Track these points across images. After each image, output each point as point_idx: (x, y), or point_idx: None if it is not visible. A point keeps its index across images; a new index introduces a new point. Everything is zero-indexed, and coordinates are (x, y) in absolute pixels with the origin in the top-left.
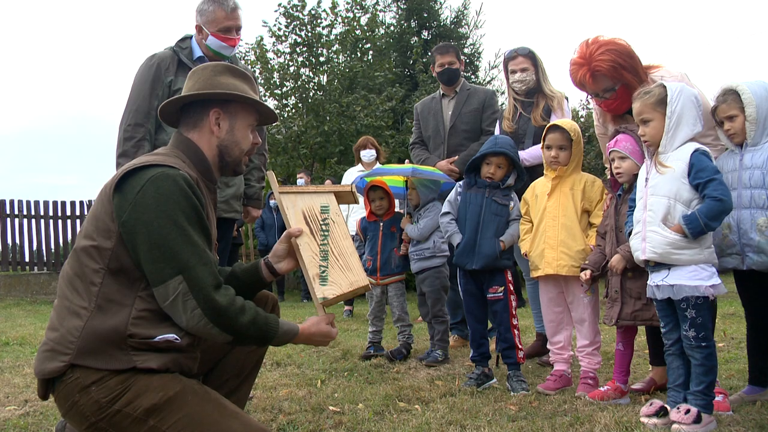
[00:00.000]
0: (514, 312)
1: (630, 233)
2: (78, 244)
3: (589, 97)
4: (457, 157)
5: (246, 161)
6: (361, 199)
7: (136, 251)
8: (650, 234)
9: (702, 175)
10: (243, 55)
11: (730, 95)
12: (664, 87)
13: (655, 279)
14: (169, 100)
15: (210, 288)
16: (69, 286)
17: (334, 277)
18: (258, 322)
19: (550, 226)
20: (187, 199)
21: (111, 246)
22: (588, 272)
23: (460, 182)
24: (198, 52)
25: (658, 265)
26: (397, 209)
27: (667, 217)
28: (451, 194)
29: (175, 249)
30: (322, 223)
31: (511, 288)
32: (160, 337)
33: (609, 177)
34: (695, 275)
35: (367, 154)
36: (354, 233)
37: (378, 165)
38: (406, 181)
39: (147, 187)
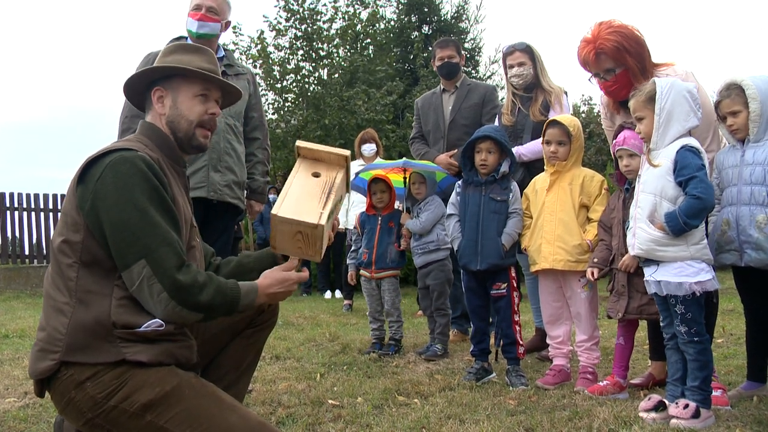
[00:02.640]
0: (516, 308)
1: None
2: (53, 243)
3: (591, 77)
4: (456, 150)
5: (204, 135)
6: (360, 195)
7: (104, 239)
8: (638, 230)
9: (684, 173)
10: (245, 50)
11: (734, 90)
12: (655, 84)
13: (646, 274)
14: (125, 88)
15: (173, 269)
16: (51, 285)
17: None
18: (222, 290)
19: (548, 220)
20: (147, 180)
21: (80, 239)
22: (595, 271)
23: (459, 182)
24: None
25: (649, 261)
26: (396, 207)
27: (654, 214)
28: (453, 195)
29: (136, 233)
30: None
31: (515, 284)
32: (145, 325)
33: (615, 171)
34: (680, 272)
35: (368, 149)
36: (353, 227)
37: (379, 159)
38: (405, 179)
39: (105, 173)
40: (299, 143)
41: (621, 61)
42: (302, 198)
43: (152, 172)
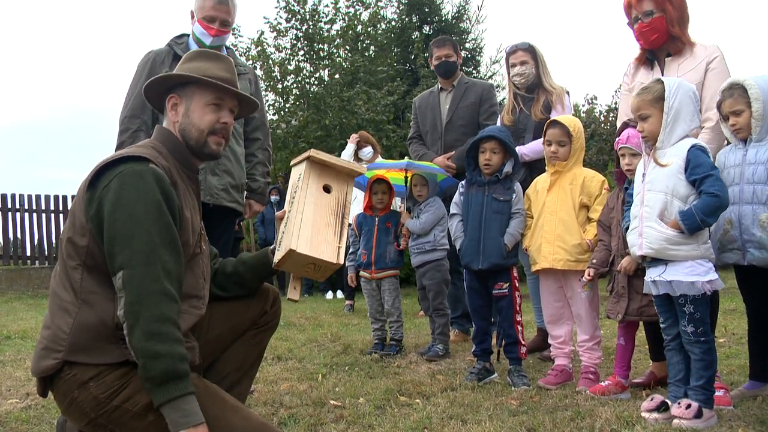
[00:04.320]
0: (518, 308)
1: (627, 228)
2: (61, 241)
3: (628, 24)
4: (454, 152)
5: (217, 142)
6: (360, 194)
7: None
8: (647, 229)
9: (699, 171)
10: (244, 51)
11: (737, 89)
12: (662, 83)
13: (652, 274)
14: (144, 91)
15: (141, 292)
16: (58, 284)
17: (283, 242)
18: (168, 360)
19: (548, 220)
20: (150, 194)
21: (85, 243)
22: (591, 271)
23: (463, 182)
24: (194, 47)
25: (655, 261)
26: (393, 207)
27: (664, 212)
28: (456, 195)
29: (124, 245)
30: (294, 192)
31: (516, 284)
32: None
33: (615, 169)
34: (692, 271)
35: (365, 152)
36: (350, 228)
37: (379, 159)
38: (406, 178)
39: (113, 182)
40: (313, 153)
41: (661, 6)
42: (318, 226)
43: (160, 186)
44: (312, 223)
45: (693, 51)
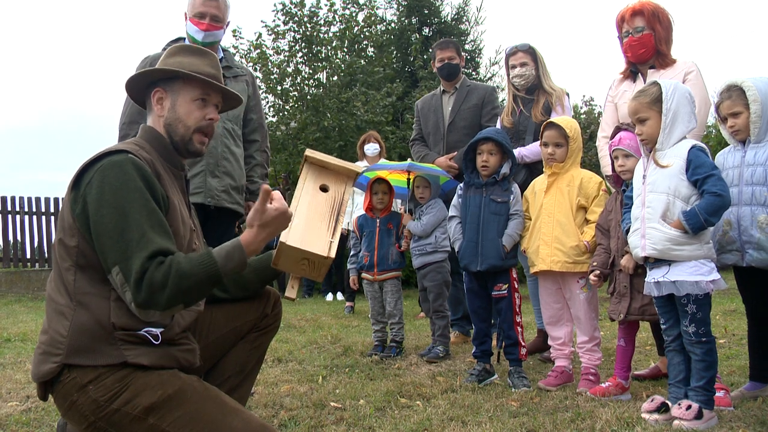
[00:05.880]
0: (517, 309)
1: (627, 230)
2: (54, 245)
3: (618, 37)
4: (456, 153)
5: (201, 141)
6: (360, 196)
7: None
8: (650, 230)
9: (700, 171)
10: (244, 53)
11: (735, 91)
12: (659, 85)
13: (655, 275)
14: (127, 84)
15: (136, 280)
16: (54, 288)
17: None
18: (187, 273)
19: (545, 222)
20: (132, 183)
21: (75, 243)
22: (597, 273)
23: (461, 184)
24: None
25: (658, 262)
26: (394, 209)
27: (666, 213)
28: (454, 197)
29: (115, 238)
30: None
31: (516, 285)
32: (145, 330)
33: (611, 173)
34: (696, 270)
35: (371, 148)
36: (350, 230)
37: (382, 160)
38: (408, 180)
39: (94, 178)
40: (308, 153)
41: (651, 24)
42: (311, 221)
43: (140, 174)
44: (306, 219)
45: (674, 66)
